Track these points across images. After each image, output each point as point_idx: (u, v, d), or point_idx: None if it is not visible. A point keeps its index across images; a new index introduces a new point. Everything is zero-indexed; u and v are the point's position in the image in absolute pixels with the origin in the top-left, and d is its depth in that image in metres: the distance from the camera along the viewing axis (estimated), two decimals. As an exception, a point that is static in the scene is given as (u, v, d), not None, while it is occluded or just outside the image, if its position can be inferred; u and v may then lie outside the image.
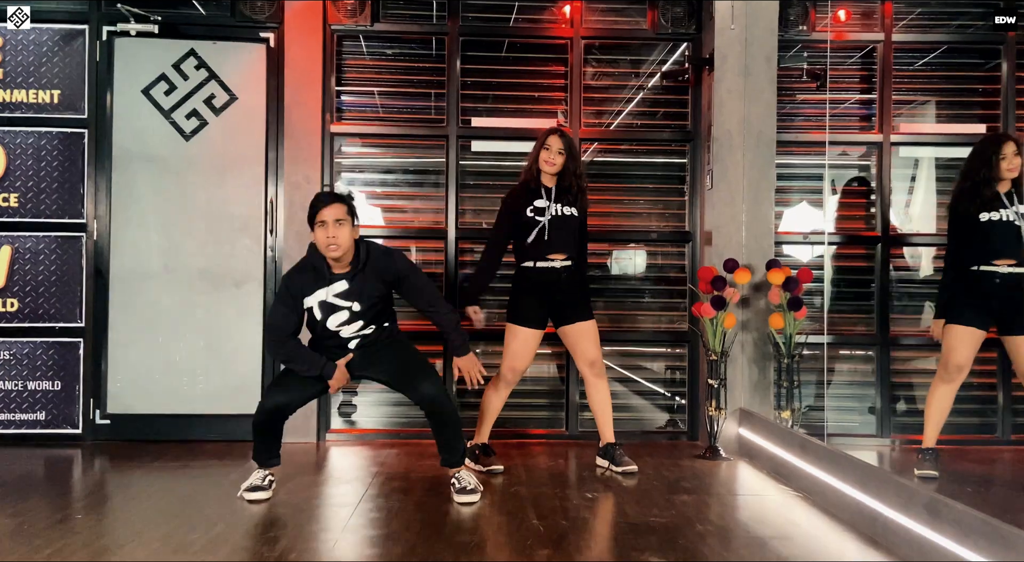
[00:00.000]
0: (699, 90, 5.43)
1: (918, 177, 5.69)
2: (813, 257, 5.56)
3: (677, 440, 5.43)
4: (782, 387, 4.87)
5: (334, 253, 3.83)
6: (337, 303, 3.90)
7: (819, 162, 5.48)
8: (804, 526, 3.58)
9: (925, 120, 5.70)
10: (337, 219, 3.80)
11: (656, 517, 3.62)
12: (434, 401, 3.89)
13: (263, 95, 5.26)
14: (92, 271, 5.20)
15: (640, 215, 5.60)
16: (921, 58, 5.57)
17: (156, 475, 4.42)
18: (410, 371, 3.97)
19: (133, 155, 5.20)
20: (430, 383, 3.90)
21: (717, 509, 3.82)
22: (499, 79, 5.55)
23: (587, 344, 4.50)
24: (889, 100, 5.46)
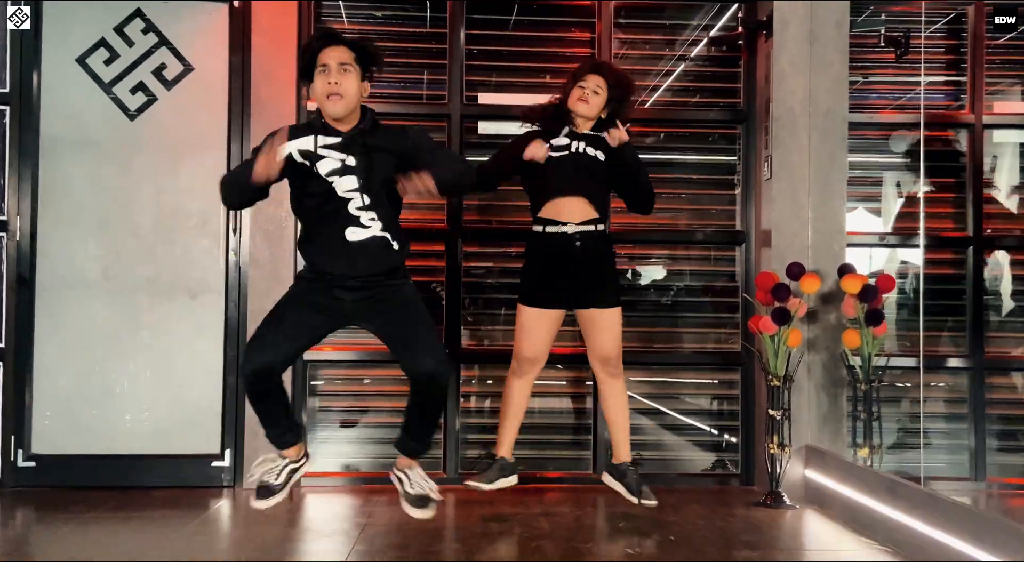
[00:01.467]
0: (754, 61, 5.41)
1: (999, 167, 5.67)
2: (887, 262, 5.53)
3: (727, 484, 5.38)
4: (859, 419, 4.80)
5: (335, 107, 3.59)
6: (326, 153, 3.62)
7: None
8: (900, 587, 3.50)
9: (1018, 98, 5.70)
10: (342, 63, 3.59)
11: (717, 577, 3.54)
12: (432, 378, 3.64)
13: (225, 65, 5.22)
14: (13, 279, 5.13)
15: (682, 212, 5.57)
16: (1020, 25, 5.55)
17: (91, 529, 4.32)
18: (415, 336, 3.71)
19: (65, 138, 5.15)
20: (434, 357, 3.65)
21: (789, 568, 3.75)
22: (512, 48, 5.53)
23: (604, 336, 4.40)
24: (981, 74, 5.44)
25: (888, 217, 5.60)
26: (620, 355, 4.45)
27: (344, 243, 3.65)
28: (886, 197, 5.64)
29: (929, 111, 5.45)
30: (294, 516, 4.61)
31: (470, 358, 5.39)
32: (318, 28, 3.64)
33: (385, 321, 3.73)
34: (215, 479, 5.12)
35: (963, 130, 5.50)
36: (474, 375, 5.43)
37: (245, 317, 5.11)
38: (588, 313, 4.40)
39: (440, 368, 3.65)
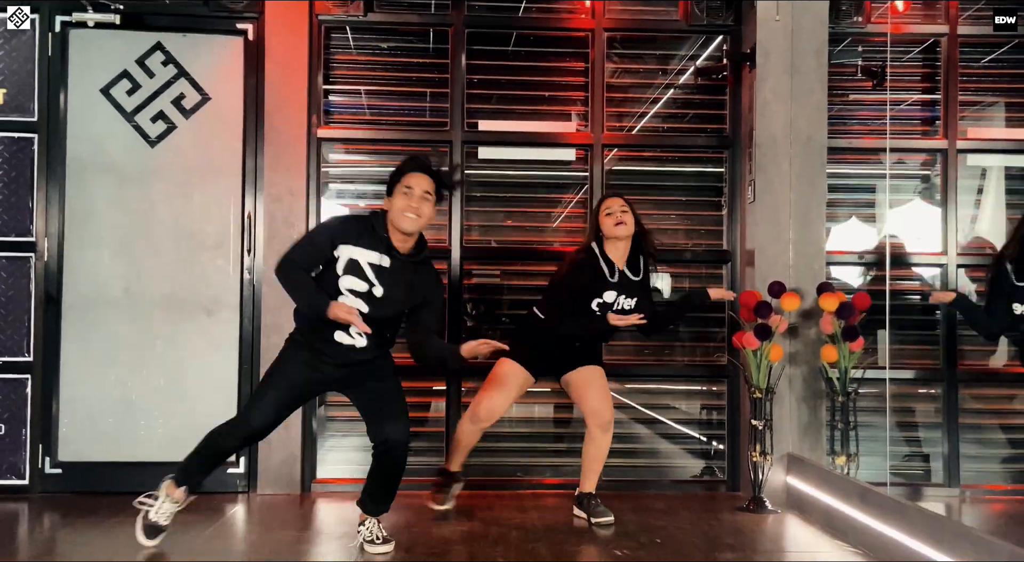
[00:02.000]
0: (738, 90, 5.62)
1: (986, 189, 5.87)
2: (867, 280, 5.73)
3: (715, 490, 5.59)
4: (836, 429, 5.02)
5: (410, 224, 3.90)
6: (366, 271, 3.92)
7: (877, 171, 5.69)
8: (867, 587, 3.73)
9: (994, 124, 5.88)
10: (426, 191, 3.93)
11: (698, 578, 3.77)
12: (396, 447, 4.03)
13: (240, 95, 5.43)
14: (42, 297, 5.33)
15: (671, 232, 5.78)
16: (990, 53, 5.75)
17: (116, 532, 4.43)
18: (387, 405, 4.09)
19: (90, 163, 5.35)
20: (401, 427, 4.04)
21: (767, 569, 3.97)
22: (510, 77, 5.74)
23: (595, 392, 4.74)
24: (955, 101, 5.65)
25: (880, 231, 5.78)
26: (612, 411, 4.76)
27: (332, 340, 4.01)
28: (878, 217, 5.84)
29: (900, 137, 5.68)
30: (306, 521, 4.83)
31: (470, 371, 5.51)
32: (413, 156, 4.03)
33: (364, 391, 4.13)
34: (231, 485, 5.32)
35: (937, 154, 5.71)
36: (473, 387, 5.62)
37: (259, 332, 5.33)
38: (576, 374, 4.77)
39: (406, 437, 4.07)
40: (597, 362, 4.82)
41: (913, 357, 5.69)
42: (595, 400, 4.71)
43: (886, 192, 5.67)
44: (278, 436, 5.22)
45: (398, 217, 3.89)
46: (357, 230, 3.94)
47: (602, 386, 4.75)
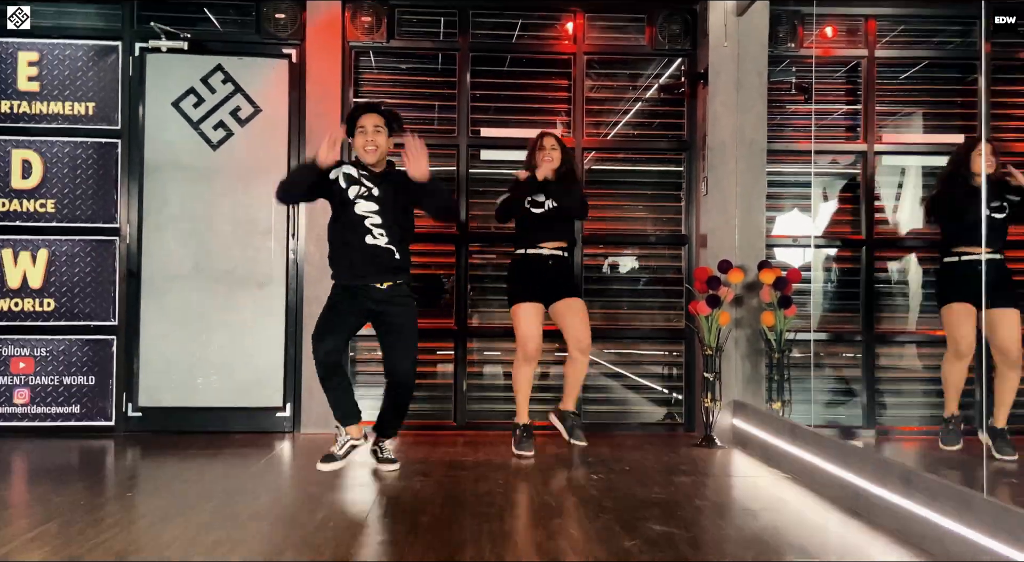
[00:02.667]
0: (694, 102, 5.79)
1: (905, 184, 6.05)
2: (804, 261, 5.92)
3: (674, 431, 5.78)
4: (773, 380, 5.23)
5: (370, 156, 4.26)
6: (359, 179, 4.29)
7: (808, 170, 5.85)
8: (792, 501, 3.94)
9: (909, 130, 6.03)
10: (376, 126, 4.28)
11: (658, 494, 3.98)
12: (401, 384, 4.39)
13: (285, 107, 5.60)
14: (124, 272, 5.52)
15: (638, 220, 5.97)
16: (903, 72, 5.93)
17: (190, 462, 4.68)
18: (402, 339, 4.37)
19: (163, 164, 5.53)
20: (407, 369, 4.37)
21: (713, 488, 4.19)
22: (506, 92, 5.91)
23: (576, 321, 4.93)
24: (873, 112, 5.81)
25: (815, 218, 5.95)
26: (590, 338, 4.95)
27: (361, 247, 4.27)
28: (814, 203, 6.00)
29: (829, 141, 5.89)
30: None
31: (473, 333, 5.79)
32: (357, 101, 4.41)
33: (388, 328, 4.38)
34: (279, 426, 5.53)
35: (858, 156, 5.88)
36: (475, 347, 5.86)
37: (301, 302, 5.53)
38: (561, 304, 4.97)
39: (409, 379, 4.40)
40: (578, 294, 5.04)
41: (838, 322, 5.90)
42: (577, 328, 4.91)
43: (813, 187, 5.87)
44: (317, 387, 5.28)
45: (361, 153, 4.30)
46: (343, 162, 4.37)
47: (583, 316, 4.94)
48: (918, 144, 5.97)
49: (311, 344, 4.31)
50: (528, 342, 4.88)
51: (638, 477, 4.36)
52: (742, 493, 4.14)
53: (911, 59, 5.93)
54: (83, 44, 5.58)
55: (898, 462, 3.52)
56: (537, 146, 4.95)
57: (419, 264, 5.83)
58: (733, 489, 4.23)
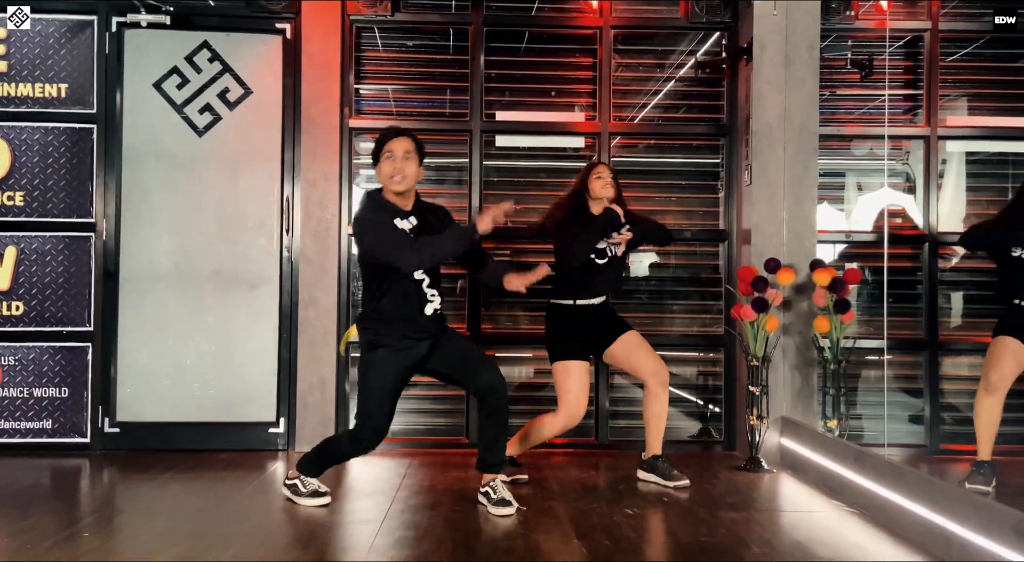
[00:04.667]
0: (735, 81, 5.11)
1: (947, 173, 5.36)
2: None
3: (711, 449, 5.11)
4: (827, 394, 4.54)
5: (398, 185, 3.61)
6: (409, 233, 3.64)
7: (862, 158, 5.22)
8: (868, 547, 3.24)
9: (976, 113, 5.34)
10: (406, 151, 3.63)
11: (706, 537, 3.30)
12: (496, 389, 3.67)
13: (279, 89, 4.98)
14: (101, 273, 4.93)
15: (672, 213, 5.28)
16: (967, 47, 5.23)
17: (168, 487, 4.14)
18: (472, 359, 3.76)
19: (144, 151, 4.93)
20: (494, 372, 3.72)
21: (770, 528, 3.49)
22: (524, 71, 5.25)
23: (643, 354, 4.23)
24: (936, 92, 5.12)
25: (849, 214, 5.33)
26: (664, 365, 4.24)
27: (422, 317, 3.67)
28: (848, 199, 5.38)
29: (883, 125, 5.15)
30: (340, 477, 4.35)
31: (488, 339, 5.12)
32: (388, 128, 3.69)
33: (447, 357, 3.73)
34: (271, 443, 4.92)
35: (920, 141, 5.18)
36: (491, 353, 5.17)
37: (296, 305, 4.90)
38: (616, 344, 4.25)
39: (503, 381, 3.71)
40: (628, 327, 4.29)
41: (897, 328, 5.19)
42: (651, 362, 4.19)
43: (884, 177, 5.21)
44: (314, 399, 4.89)
45: (387, 182, 3.63)
46: (385, 208, 3.65)
47: (648, 347, 4.24)
48: (985, 128, 5.25)
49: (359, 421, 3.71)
50: (577, 408, 4.17)
51: (679, 512, 3.69)
52: (805, 535, 3.41)
53: (978, 33, 5.21)
54: (55, 19, 4.95)
55: (1011, 511, 2.80)
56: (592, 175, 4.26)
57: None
58: (794, 529, 3.49)
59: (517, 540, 3.26)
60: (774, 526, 3.53)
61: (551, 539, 3.30)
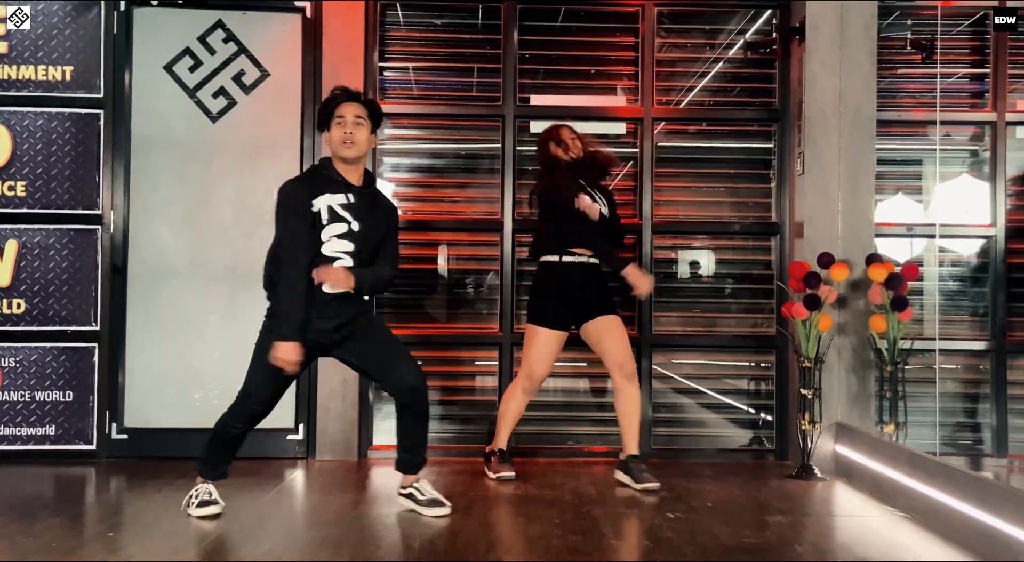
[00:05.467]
0: (787, 63, 5.61)
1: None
2: (913, 253, 5.77)
3: (762, 459, 5.63)
4: (884, 398, 5.04)
5: (349, 151, 4.00)
6: (340, 213, 4.00)
7: (923, 145, 5.70)
8: (914, 548, 3.77)
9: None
10: (356, 116, 4.04)
11: (749, 538, 3.83)
12: (416, 391, 4.09)
13: (298, 71, 5.49)
14: (108, 268, 5.42)
15: (719, 205, 5.81)
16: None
17: (180, 497, 4.36)
18: (391, 354, 4.12)
19: (154, 139, 5.43)
20: (415, 370, 4.11)
21: (816, 530, 4.03)
22: (560, 52, 5.77)
23: (612, 342, 4.85)
24: (1004, 74, 5.61)
25: (927, 205, 5.80)
26: (633, 359, 4.89)
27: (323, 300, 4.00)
28: (926, 189, 5.85)
29: (948, 110, 5.65)
30: (363, 485, 4.92)
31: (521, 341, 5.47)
32: (337, 87, 4.16)
33: (363, 351, 4.11)
34: (290, 451, 5.41)
35: (986, 127, 5.69)
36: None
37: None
38: (594, 323, 4.89)
39: (423, 380, 4.12)
40: (614, 311, 4.93)
41: (962, 328, 5.69)
42: (619, 351, 4.84)
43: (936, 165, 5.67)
44: (335, 405, 5.37)
45: (337, 147, 4.03)
46: (317, 181, 4.06)
47: (622, 336, 4.87)
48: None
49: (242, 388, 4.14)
50: (538, 371, 4.88)
51: (723, 516, 4.21)
52: (851, 537, 3.96)
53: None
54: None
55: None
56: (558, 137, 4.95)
57: (457, 257, 5.75)
58: (840, 532, 4.05)
59: (553, 540, 3.78)
60: (821, 529, 4.08)
61: (588, 539, 3.82)
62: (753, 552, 3.63)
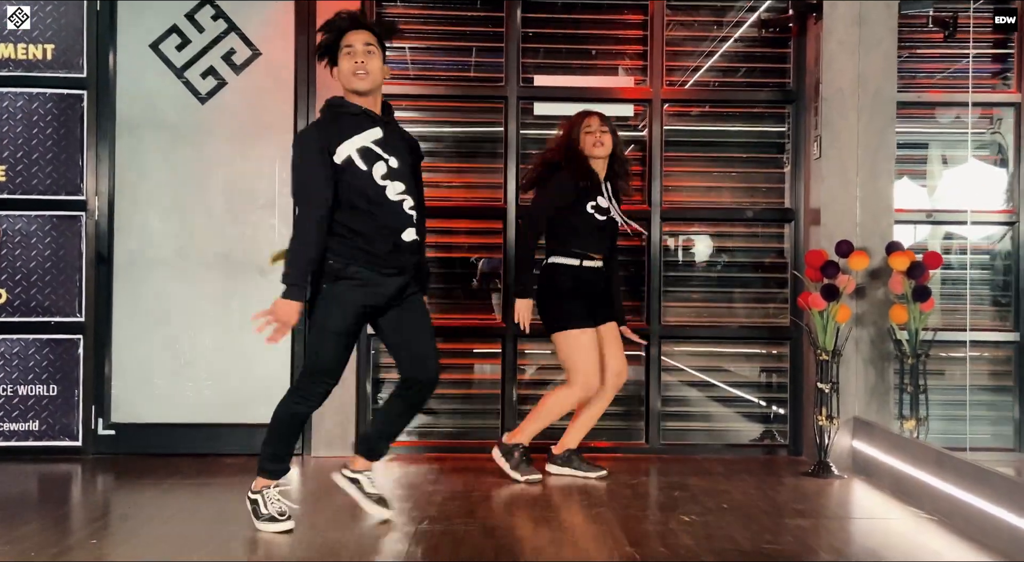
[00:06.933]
0: (803, 42, 5.41)
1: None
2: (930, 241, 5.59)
3: (775, 455, 5.45)
4: (905, 392, 4.86)
5: (362, 83, 3.67)
6: (376, 150, 3.69)
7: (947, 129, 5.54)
8: (947, 554, 3.59)
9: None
10: (366, 43, 3.69)
11: (770, 544, 3.65)
12: (429, 385, 3.86)
13: (291, 50, 5.29)
14: (93, 256, 5.25)
15: (731, 190, 5.63)
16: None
17: (171, 496, 4.38)
18: (427, 335, 3.88)
19: (140, 121, 5.26)
20: (437, 363, 3.87)
21: (839, 535, 3.85)
22: (565, 30, 5.57)
23: (617, 349, 4.80)
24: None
25: (932, 191, 5.62)
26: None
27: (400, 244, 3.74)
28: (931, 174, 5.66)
29: (977, 90, 5.45)
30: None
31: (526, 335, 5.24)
32: (341, 11, 3.83)
33: (404, 320, 3.84)
34: (284, 447, 5.26)
35: (1010, 108, 5.49)
36: (528, 349, 5.54)
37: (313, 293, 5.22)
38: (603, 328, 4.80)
39: (438, 377, 3.87)
40: (613, 317, 4.85)
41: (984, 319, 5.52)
42: (619, 360, 4.78)
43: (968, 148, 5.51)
44: (331, 402, 5.06)
45: (349, 80, 3.69)
46: (337, 126, 3.70)
47: (621, 346, 4.82)
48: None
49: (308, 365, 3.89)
50: (593, 379, 4.65)
51: (741, 518, 4.03)
52: (879, 542, 3.76)
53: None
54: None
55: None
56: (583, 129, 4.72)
57: (458, 245, 5.58)
58: (866, 536, 3.86)
59: (564, 547, 3.61)
60: (845, 533, 3.89)
61: (601, 547, 3.64)
62: (775, 559, 3.44)
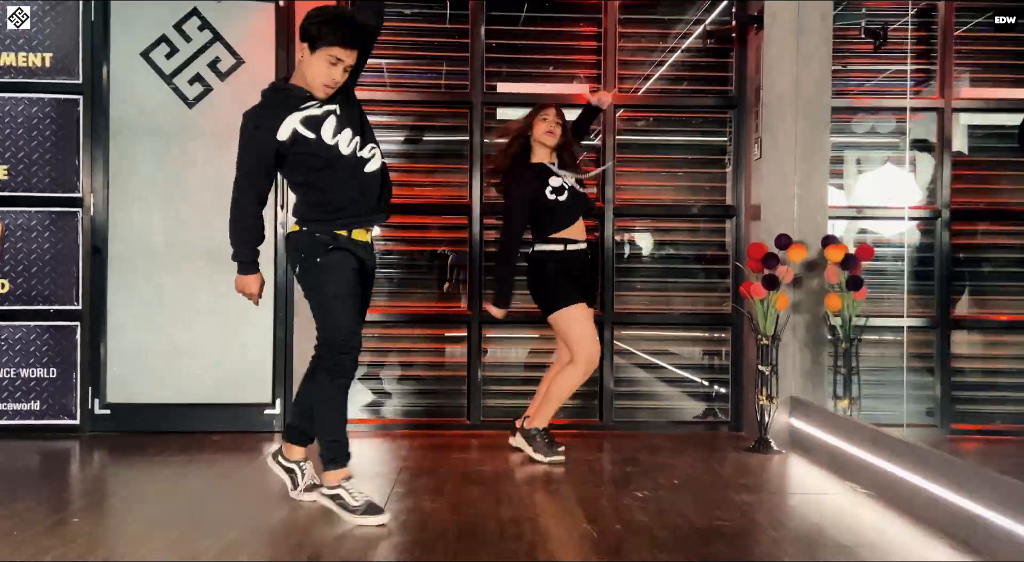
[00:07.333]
0: (745, 52, 5.00)
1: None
2: (857, 235, 5.22)
3: (716, 430, 5.06)
4: (839, 374, 4.48)
5: (326, 93, 3.20)
6: (316, 113, 3.21)
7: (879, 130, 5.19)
8: (890, 531, 3.19)
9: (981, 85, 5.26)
10: (348, 67, 3.19)
11: (721, 519, 3.25)
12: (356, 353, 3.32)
13: (272, 59, 4.86)
14: (89, 249, 4.82)
15: (678, 188, 5.21)
16: (982, 16, 5.14)
17: (161, 471, 4.05)
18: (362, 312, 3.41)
19: (132, 124, 4.82)
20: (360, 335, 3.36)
21: (786, 511, 3.44)
22: (526, 42, 5.13)
23: (593, 333, 4.28)
24: (950, 62, 5.03)
25: (849, 191, 5.25)
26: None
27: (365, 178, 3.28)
28: (848, 173, 5.29)
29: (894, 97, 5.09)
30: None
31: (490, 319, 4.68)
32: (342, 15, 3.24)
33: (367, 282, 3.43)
34: (267, 425, 4.83)
35: (933, 113, 5.09)
36: (492, 335, 5.11)
37: (292, 281, 4.77)
38: None
39: None
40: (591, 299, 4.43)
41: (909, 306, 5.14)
42: (595, 343, 4.22)
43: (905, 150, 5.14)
44: None
45: (317, 86, 3.17)
46: (281, 105, 3.22)
47: (594, 326, 4.32)
48: (1002, 100, 5.18)
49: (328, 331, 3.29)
50: (594, 350, 4.19)
51: (692, 494, 3.63)
52: (823, 519, 3.33)
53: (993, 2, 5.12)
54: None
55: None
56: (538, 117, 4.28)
57: (425, 239, 5.17)
58: (811, 514, 3.42)
59: (525, 524, 3.19)
60: (791, 509, 3.48)
61: (561, 523, 3.26)
62: (729, 538, 3.04)
